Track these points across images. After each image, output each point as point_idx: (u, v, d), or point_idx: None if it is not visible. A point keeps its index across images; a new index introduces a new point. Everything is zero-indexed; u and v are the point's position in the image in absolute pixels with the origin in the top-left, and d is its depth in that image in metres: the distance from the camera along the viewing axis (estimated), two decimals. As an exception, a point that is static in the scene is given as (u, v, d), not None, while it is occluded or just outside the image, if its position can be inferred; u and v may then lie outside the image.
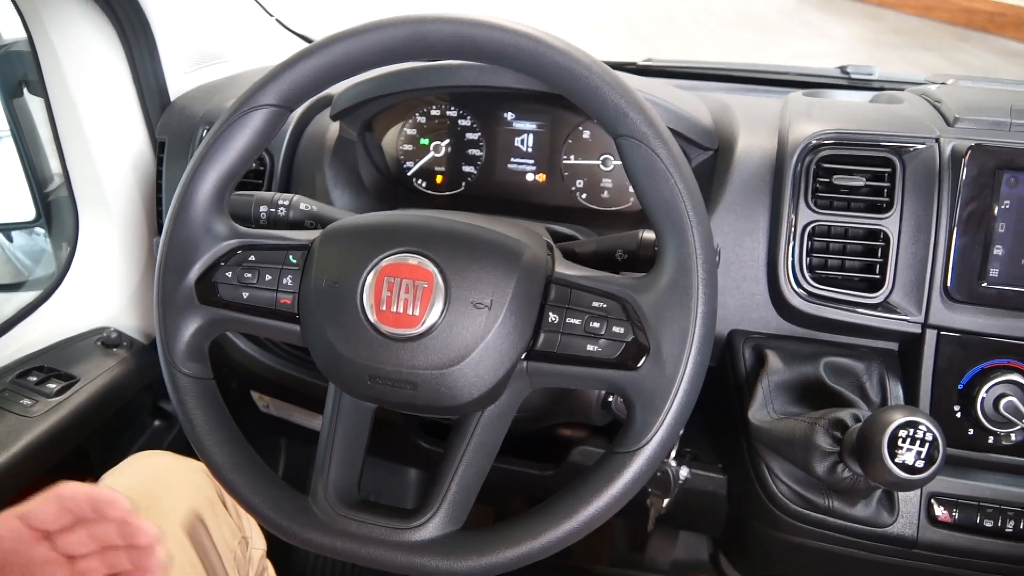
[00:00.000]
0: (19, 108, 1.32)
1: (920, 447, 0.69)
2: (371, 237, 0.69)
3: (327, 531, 0.70)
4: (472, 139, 1.13)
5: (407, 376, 0.66)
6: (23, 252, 1.55)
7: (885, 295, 0.89)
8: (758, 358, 0.94)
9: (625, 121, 0.65)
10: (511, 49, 0.66)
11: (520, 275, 0.66)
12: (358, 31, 0.69)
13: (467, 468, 0.69)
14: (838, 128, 0.92)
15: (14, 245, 1.55)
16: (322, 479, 0.72)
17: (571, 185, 1.10)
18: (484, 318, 0.65)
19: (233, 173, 0.74)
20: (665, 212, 0.65)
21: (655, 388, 0.63)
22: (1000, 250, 0.86)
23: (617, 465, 0.64)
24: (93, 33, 1.20)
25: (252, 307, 0.72)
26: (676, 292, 0.64)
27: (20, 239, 1.54)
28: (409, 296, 0.65)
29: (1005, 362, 0.86)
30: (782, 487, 0.90)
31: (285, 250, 0.72)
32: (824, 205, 0.91)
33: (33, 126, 1.34)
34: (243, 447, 0.75)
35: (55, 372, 1.12)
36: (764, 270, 0.94)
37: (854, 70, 1.38)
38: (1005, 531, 0.86)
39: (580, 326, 0.65)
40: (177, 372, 0.74)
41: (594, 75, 0.65)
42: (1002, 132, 0.90)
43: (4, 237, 1.52)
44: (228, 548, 0.94)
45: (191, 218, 0.73)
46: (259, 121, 0.72)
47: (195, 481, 0.97)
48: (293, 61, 0.71)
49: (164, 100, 1.28)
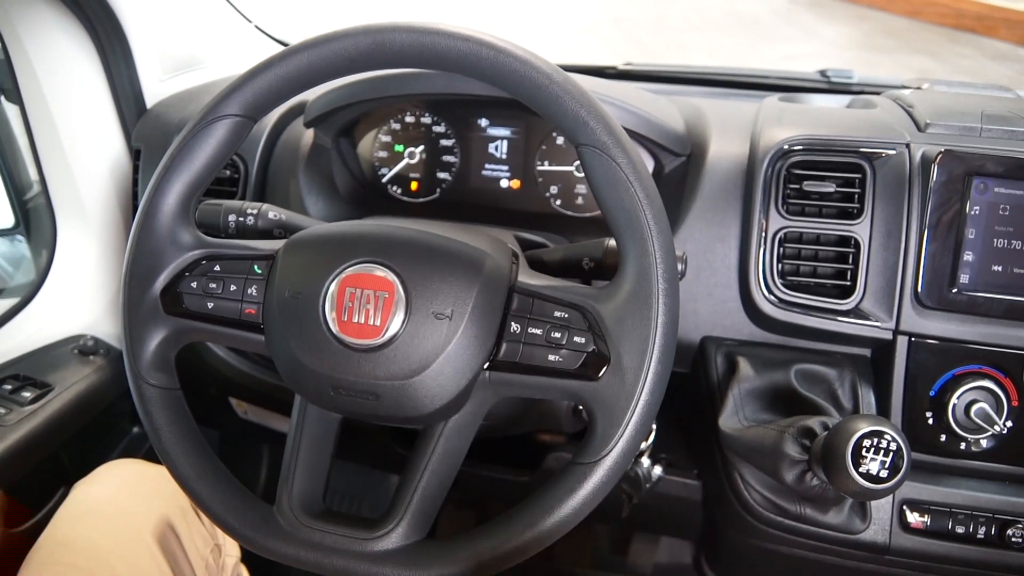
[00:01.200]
0: (-6, 115, 1.31)
1: (885, 456, 0.68)
2: (333, 247, 0.69)
3: (290, 541, 0.70)
4: (446, 146, 1.13)
5: (369, 387, 0.66)
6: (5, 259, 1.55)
7: (856, 301, 0.89)
8: (730, 365, 0.94)
9: (585, 130, 0.65)
10: (471, 58, 0.66)
11: (481, 285, 0.66)
12: (320, 41, 0.69)
13: (431, 478, 0.69)
14: (808, 134, 0.92)
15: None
16: (287, 489, 0.72)
17: (545, 191, 1.10)
18: (445, 328, 0.65)
19: (198, 183, 0.74)
20: (626, 221, 0.65)
21: (616, 398, 0.63)
22: (970, 256, 0.86)
23: (578, 476, 0.64)
24: (67, 40, 1.19)
25: (217, 317, 0.72)
26: (636, 302, 0.63)
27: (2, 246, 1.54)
28: (371, 306, 0.65)
29: (976, 368, 0.86)
30: (755, 494, 0.90)
31: (250, 260, 0.72)
32: (795, 211, 0.91)
33: (10, 133, 1.33)
34: (209, 457, 0.74)
35: (30, 380, 1.12)
36: (736, 276, 0.94)
37: (833, 74, 1.39)
38: (976, 537, 0.87)
39: (542, 336, 0.65)
40: (143, 383, 0.73)
41: (554, 84, 0.65)
42: (973, 138, 0.90)
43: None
44: (200, 556, 0.94)
45: (156, 228, 0.73)
46: (223, 131, 0.72)
47: (167, 489, 0.96)
48: (256, 71, 0.71)
49: (140, 107, 1.27)
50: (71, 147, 1.24)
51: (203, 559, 0.95)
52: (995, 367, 0.86)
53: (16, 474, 1.02)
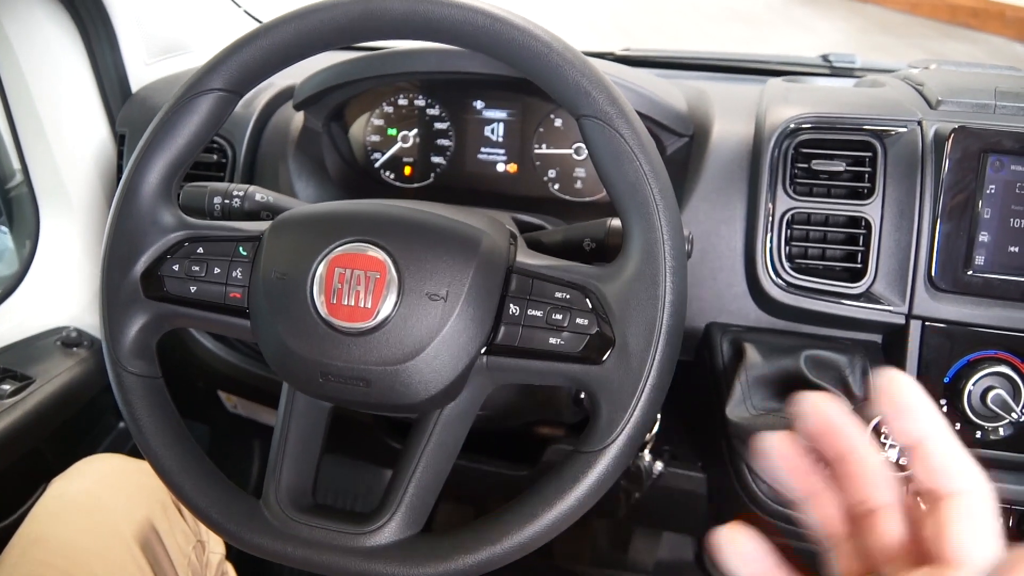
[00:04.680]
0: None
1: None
2: (322, 226, 0.65)
3: (278, 536, 0.66)
4: (441, 129, 1.09)
5: (360, 372, 0.62)
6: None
7: (867, 285, 0.86)
8: (736, 352, 0.90)
9: (588, 100, 0.61)
10: (466, 27, 0.63)
11: (478, 264, 0.62)
12: (309, 11, 0.66)
13: (425, 469, 0.66)
14: (817, 112, 0.88)
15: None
16: (273, 482, 0.68)
17: (543, 175, 1.07)
18: (440, 310, 0.61)
19: (180, 161, 0.70)
20: (630, 196, 0.61)
21: (621, 383, 0.60)
22: (986, 237, 0.82)
23: (582, 465, 0.60)
24: (49, 23, 1.15)
25: (200, 302, 0.68)
26: (642, 281, 0.60)
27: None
28: (361, 288, 0.62)
29: (992, 354, 0.83)
30: (762, 486, 0.87)
31: (235, 242, 0.69)
32: (803, 192, 0.88)
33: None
34: (191, 449, 0.71)
35: (10, 372, 1.08)
36: (741, 260, 0.91)
37: (836, 58, 1.36)
38: None
39: (542, 318, 0.62)
40: (122, 371, 0.70)
41: (554, 53, 0.62)
42: (987, 114, 0.87)
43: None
44: (182, 554, 0.90)
45: (136, 209, 0.69)
46: (207, 107, 0.69)
47: (147, 484, 0.93)
48: (241, 44, 0.68)
49: (125, 92, 1.24)
50: (54, 133, 1.20)
51: (185, 556, 0.91)
52: (1012, 352, 0.83)
53: None
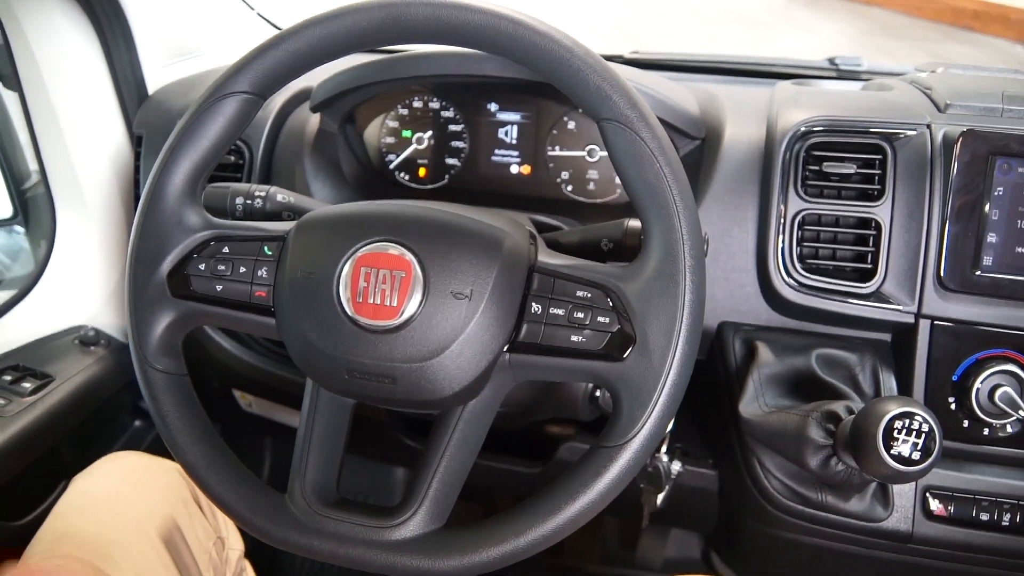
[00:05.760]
0: (-8, 103, 1.29)
1: (916, 438, 0.67)
2: (347, 226, 0.67)
3: (304, 530, 0.67)
4: (455, 131, 1.11)
5: (385, 369, 0.64)
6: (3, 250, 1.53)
7: (877, 285, 0.87)
8: (748, 350, 0.92)
9: (608, 104, 0.63)
10: (488, 31, 0.64)
11: (501, 264, 0.64)
12: (332, 15, 0.67)
13: (449, 464, 0.67)
14: (827, 115, 0.90)
15: (-6, 243, 1.52)
16: (299, 477, 0.69)
17: (556, 177, 1.09)
18: (464, 308, 0.63)
19: (206, 163, 0.71)
20: (650, 197, 0.63)
21: (642, 379, 0.61)
22: (994, 238, 0.84)
23: (603, 459, 0.62)
24: (68, 25, 1.17)
25: (226, 300, 0.70)
26: (662, 280, 0.62)
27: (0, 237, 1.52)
28: (387, 287, 0.63)
29: (1000, 352, 0.85)
30: (774, 482, 0.88)
31: (260, 241, 0.70)
32: (814, 193, 0.90)
33: (8, 121, 1.31)
34: (218, 445, 0.72)
35: (30, 371, 1.10)
36: (753, 261, 0.93)
37: (842, 61, 1.38)
38: (1001, 524, 0.85)
39: (564, 316, 0.63)
40: (149, 368, 0.71)
41: (576, 57, 0.63)
42: (994, 118, 0.89)
43: (-18, 235, 1.49)
44: (203, 550, 0.92)
45: (162, 209, 0.70)
46: (232, 109, 0.70)
47: (168, 481, 0.94)
48: (266, 47, 0.69)
49: (142, 94, 1.25)
50: (71, 134, 1.22)
51: (206, 552, 0.93)
52: (1020, 351, 0.84)
53: (16, 466, 1.00)
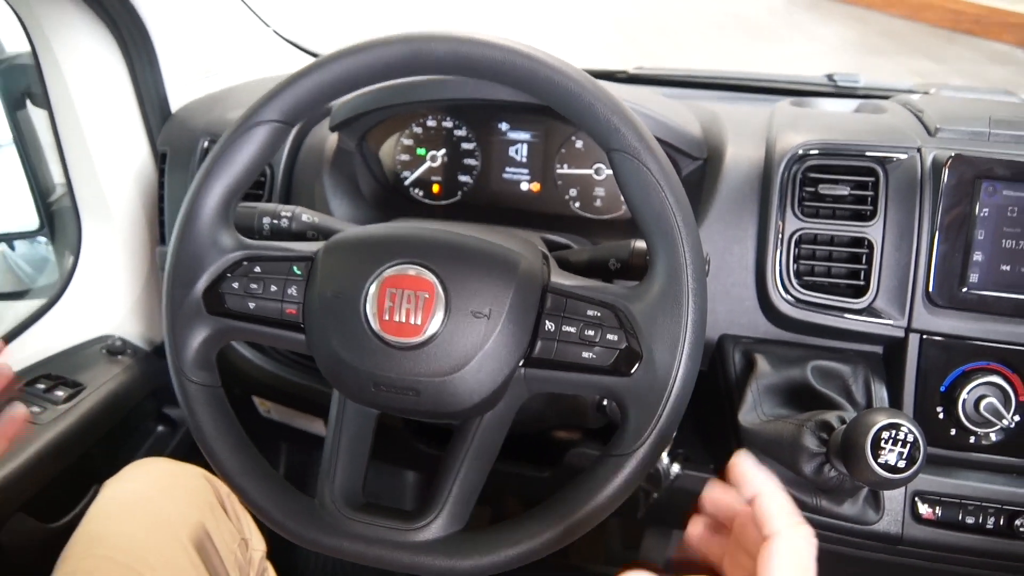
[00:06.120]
0: (22, 120, 1.34)
1: (902, 448, 0.72)
2: (373, 249, 0.72)
3: (334, 533, 0.72)
4: (467, 149, 1.16)
5: (410, 383, 0.69)
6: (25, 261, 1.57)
7: (870, 300, 0.92)
8: (747, 362, 0.97)
9: (617, 136, 0.68)
10: (506, 67, 0.69)
11: (517, 285, 0.69)
12: (359, 49, 0.71)
13: (468, 471, 0.72)
14: (823, 139, 0.95)
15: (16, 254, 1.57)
16: (328, 483, 0.74)
17: (564, 194, 1.13)
18: (483, 327, 0.68)
19: (238, 187, 0.76)
20: (655, 223, 0.68)
21: (648, 393, 0.66)
22: (980, 256, 0.89)
23: (612, 467, 0.67)
24: (96, 46, 1.22)
25: (258, 317, 0.75)
26: (667, 301, 0.66)
27: (22, 248, 1.56)
28: (411, 306, 0.68)
29: (985, 364, 0.90)
30: None
31: (289, 261, 0.75)
32: (810, 213, 0.94)
33: (36, 137, 1.36)
34: (251, 453, 0.77)
35: (62, 380, 1.15)
36: (753, 276, 0.97)
37: (840, 78, 1.42)
38: (986, 527, 0.90)
39: (575, 334, 0.68)
40: (186, 380, 0.76)
41: (587, 92, 0.68)
42: (981, 142, 0.93)
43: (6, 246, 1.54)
44: (229, 551, 0.97)
45: (197, 231, 0.75)
46: (262, 136, 0.75)
47: (195, 486, 0.99)
48: (296, 78, 0.73)
49: (165, 111, 1.30)
50: (97, 150, 1.27)
51: (232, 553, 0.97)
52: (1003, 363, 0.89)
53: (52, 471, 1.05)
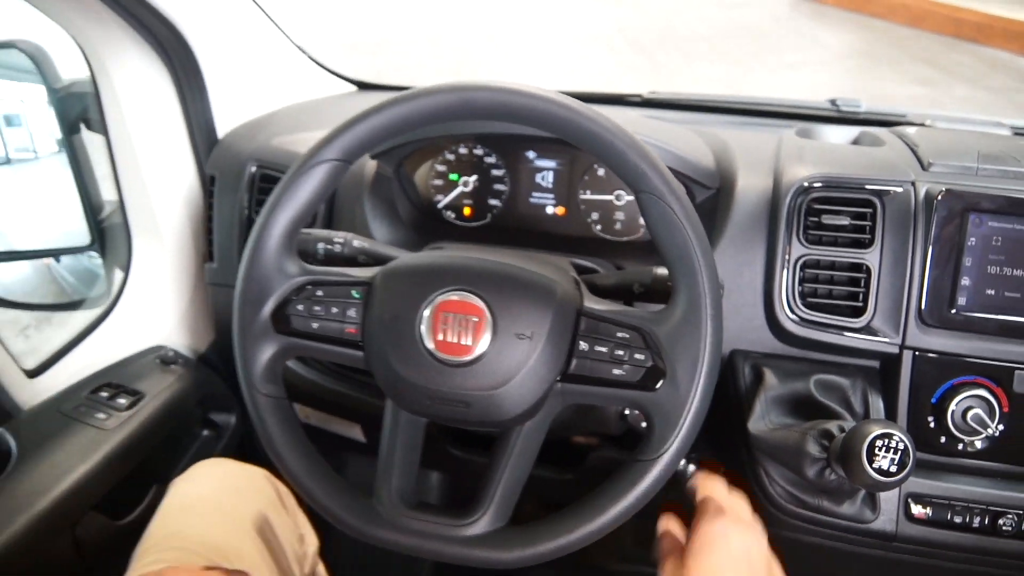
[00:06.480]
0: (76, 143, 1.43)
1: (894, 455, 0.81)
2: (427, 276, 0.80)
3: (392, 529, 0.81)
4: (497, 175, 1.25)
5: (461, 396, 0.78)
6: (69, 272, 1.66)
7: (867, 320, 1.00)
8: (756, 375, 1.05)
9: (646, 180, 0.76)
10: (546, 115, 0.77)
11: (555, 309, 0.78)
12: (413, 96, 0.79)
13: (510, 474, 0.81)
14: (826, 173, 1.03)
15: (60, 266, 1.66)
16: (386, 484, 0.83)
17: (587, 217, 1.22)
18: (526, 347, 0.77)
19: (301, 219, 0.84)
20: (678, 257, 0.76)
21: (671, 406, 0.75)
22: (967, 281, 0.97)
23: (640, 470, 0.76)
24: (151, 77, 1.31)
25: (321, 336, 0.83)
26: (688, 325, 0.76)
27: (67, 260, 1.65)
28: (462, 328, 0.77)
29: (972, 379, 0.98)
30: (778, 488, 1.01)
31: (349, 286, 0.83)
32: (814, 240, 1.03)
33: (88, 160, 1.45)
34: (315, 458, 0.86)
35: (123, 388, 1.23)
36: (761, 297, 1.06)
37: (843, 103, 1.49)
38: (973, 526, 0.98)
39: (607, 353, 0.77)
40: (256, 393, 0.85)
41: (618, 140, 0.76)
42: (970, 176, 1.02)
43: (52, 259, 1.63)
44: (289, 544, 1.05)
45: (265, 258, 0.83)
46: (323, 174, 0.82)
47: (257, 485, 1.07)
48: (354, 121, 0.81)
49: (212, 137, 1.39)
50: (149, 174, 1.35)
51: (292, 546, 1.06)
52: (988, 377, 0.97)
53: (120, 473, 1.13)
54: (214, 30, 1.34)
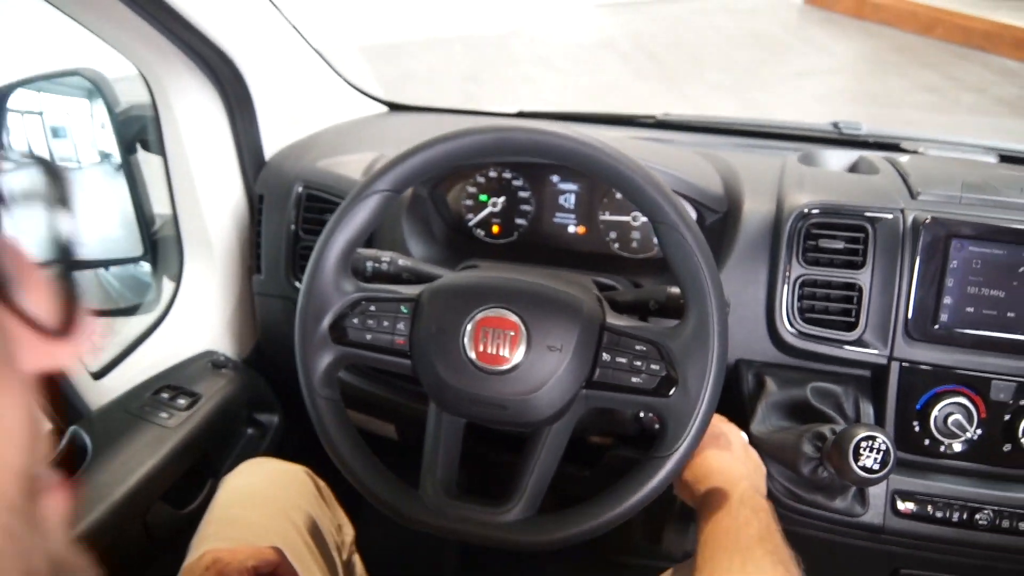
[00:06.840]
0: (133, 162, 1.54)
1: (877, 454, 0.92)
2: (469, 294, 0.92)
3: (437, 515, 0.92)
4: (523, 196, 1.36)
5: (499, 400, 0.89)
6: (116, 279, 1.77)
7: (859, 334, 1.11)
8: (759, 382, 1.16)
9: (662, 212, 0.87)
10: (575, 154, 0.88)
11: (582, 325, 0.89)
12: (458, 135, 0.90)
13: (540, 468, 0.92)
14: (824, 200, 1.14)
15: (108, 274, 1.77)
16: (431, 477, 0.94)
17: (606, 236, 1.33)
18: (556, 358, 0.88)
19: (355, 243, 0.95)
20: (690, 280, 0.87)
21: (682, 410, 0.87)
22: (949, 300, 1.08)
23: (656, 465, 0.87)
24: (206, 103, 1.41)
25: (374, 346, 0.94)
26: (698, 340, 0.87)
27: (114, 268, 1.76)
28: (500, 341, 0.88)
29: (953, 387, 1.08)
30: (777, 484, 1.11)
31: (398, 302, 0.94)
32: (811, 261, 1.13)
33: (143, 177, 1.56)
34: (368, 453, 0.97)
35: (181, 390, 1.33)
36: (764, 312, 1.17)
37: (844, 126, 1.59)
38: (952, 521, 1.08)
39: (626, 364, 0.88)
40: (317, 396, 0.96)
41: (638, 176, 0.87)
42: (954, 205, 1.12)
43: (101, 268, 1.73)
44: (330, 534, 1.14)
45: (324, 278, 0.94)
46: (376, 203, 0.93)
47: (300, 480, 1.17)
48: (405, 156, 0.92)
49: (259, 158, 1.50)
50: (202, 192, 1.45)
51: (332, 536, 1.16)
52: (967, 386, 1.07)
53: (182, 467, 1.23)
54: (264, 60, 1.44)
